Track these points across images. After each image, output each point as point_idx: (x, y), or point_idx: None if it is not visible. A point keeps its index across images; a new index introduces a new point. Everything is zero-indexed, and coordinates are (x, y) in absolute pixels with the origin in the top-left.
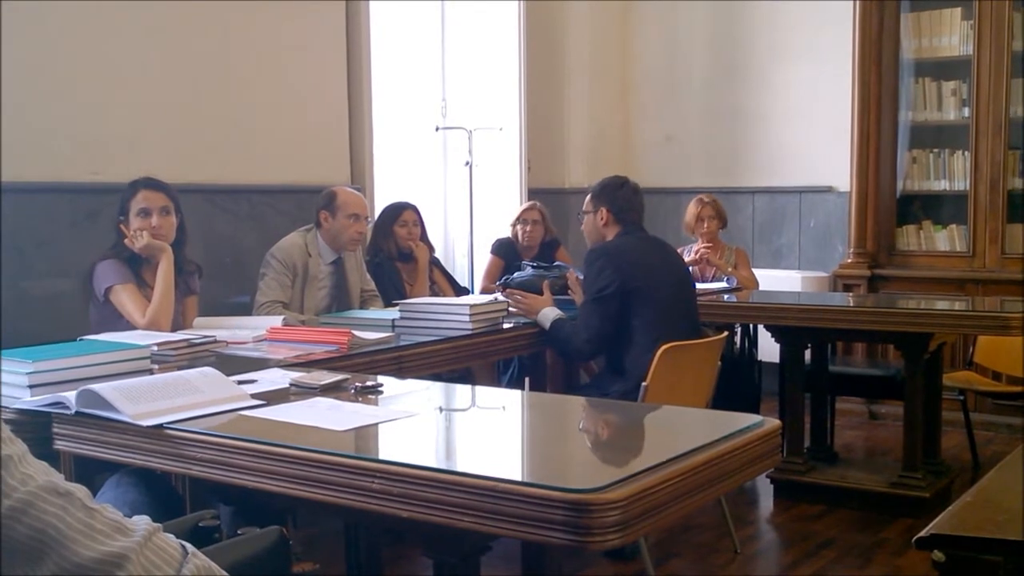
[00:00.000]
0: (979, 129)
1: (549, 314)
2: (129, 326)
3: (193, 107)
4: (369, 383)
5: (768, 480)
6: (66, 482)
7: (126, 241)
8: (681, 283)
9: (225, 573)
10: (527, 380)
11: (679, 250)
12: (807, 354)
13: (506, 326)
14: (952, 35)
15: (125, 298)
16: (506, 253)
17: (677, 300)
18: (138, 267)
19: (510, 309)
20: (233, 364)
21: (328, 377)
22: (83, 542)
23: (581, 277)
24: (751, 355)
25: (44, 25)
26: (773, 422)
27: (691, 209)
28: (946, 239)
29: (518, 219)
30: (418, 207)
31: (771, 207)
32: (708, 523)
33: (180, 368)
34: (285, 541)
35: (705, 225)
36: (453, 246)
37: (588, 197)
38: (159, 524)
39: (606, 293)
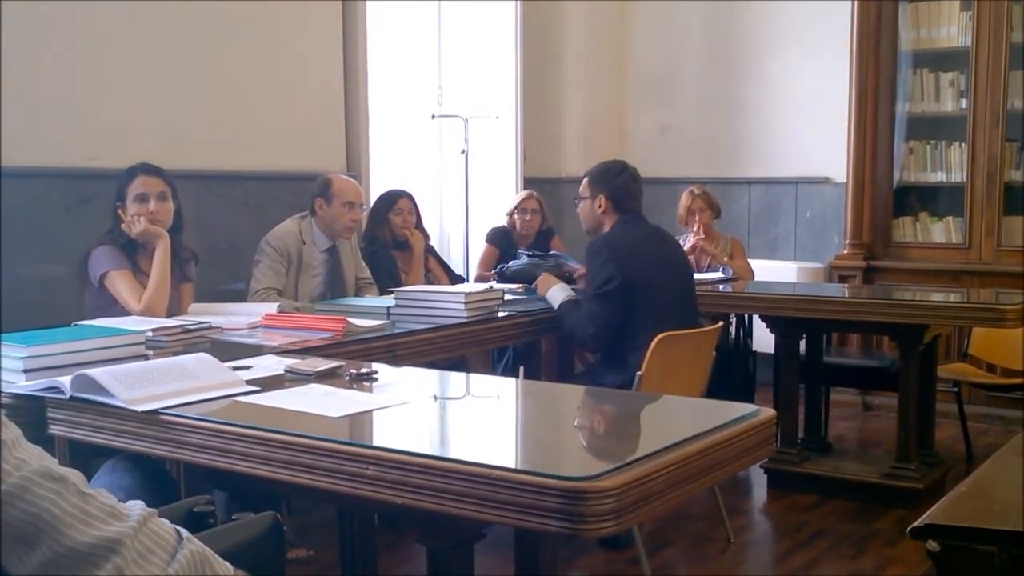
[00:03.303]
0: (976, 121)
1: (559, 293)
2: (124, 312)
3: (188, 93)
4: (364, 370)
5: (762, 470)
6: (60, 467)
7: (123, 226)
8: (681, 274)
9: (219, 558)
10: (522, 368)
11: None
12: (802, 345)
13: (501, 314)
14: (951, 26)
15: (120, 284)
16: (501, 242)
17: (678, 292)
18: (134, 253)
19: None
20: (228, 350)
21: (323, 364)
22: (77, 527)
23: (576, 265)
24: (746, 345)
25: (40, 11)
26: (768, 412)
27: (682, 201)
28: (942, 231)
29: (517, 208)
30: (413, 195)
31: (767, 197)
32: (701, 512)
33: (175, 354)
34: (279, 526)
35: (696, 218)
36: (448, 234)
37: (585, 181)
38: (154, 509)
39: (609, 288)
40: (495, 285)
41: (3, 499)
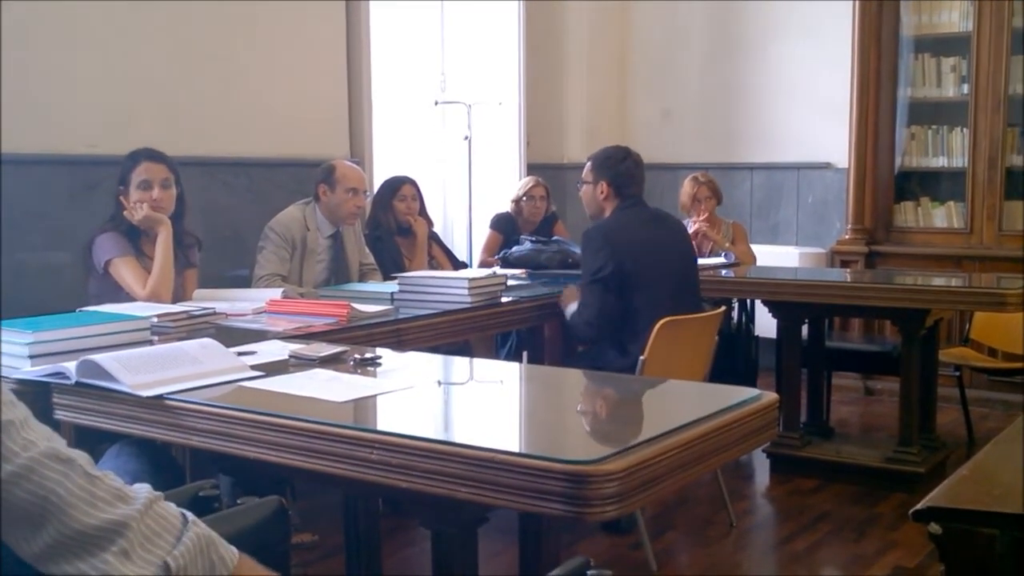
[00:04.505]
0: (978, 106)
1: (574, 307)
2: (128, 298)
3: (192, 79)
4: (368, 355)
5: (764, 454)
6: (68, 448)
7: (126, 213)
8: (683, 258)
9: (225, 542)
10: (525, 353)
11: None
12: (804, 329)
13: (505, 300)
14: (952, 11)
15: (125, 271)
16: (505, 228)
17: (679, 276)
18: (137, 239)
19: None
20: (233, 336)
21: (327, 349)
22: (84, 509)
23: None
24: (748, 330)
25: None
26: (770, 396)
27: (686, 188)
28: (944, 216)
29: (526, 194)
30: (417, 181)
31: (769, 183)
32: (704, 497)
33: (180, 339)
34: (284, 511)
35: (702, 206)
36: (451, 221)
37: (588, 166)
38: (160, 493)
39: (602, 275)
40: (499, 271)
41: (10, 480)
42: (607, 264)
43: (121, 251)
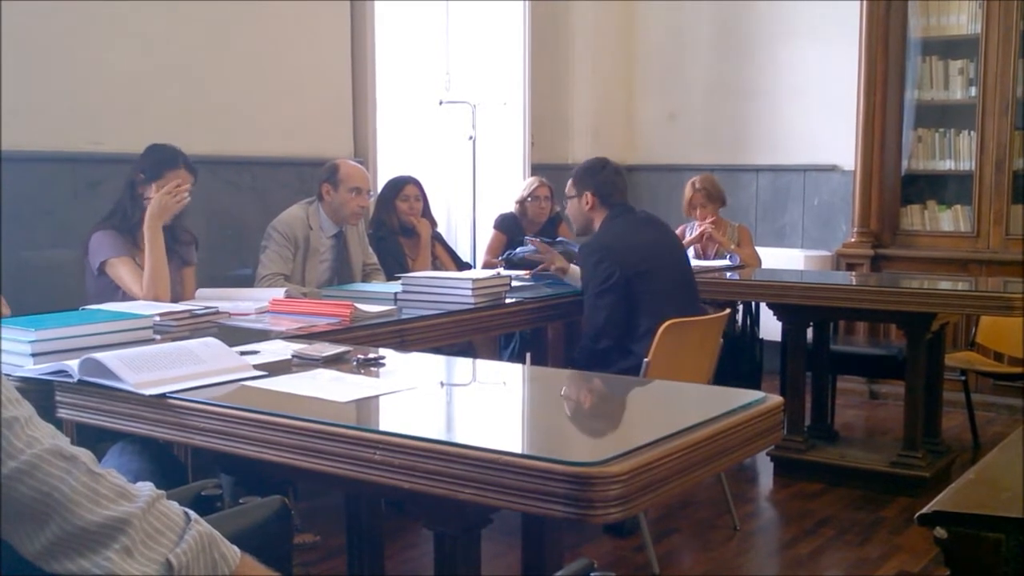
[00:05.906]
0: (986, 109)
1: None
2: (126, 297)
3: (196, 78)
4: (371, 355)
5: (768, 458)
6: (71, 446)
7: (153, 198)
8: (677, 258)
9: (227, 541)
10: (528, 355)
11: (681, 228)
12: (809, 333)
13: (508, 301)
14: (960, 14)
15: (122, 271)
16: (509, 228)
17: (677, 276)
18: (135, 234)
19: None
20: (235, 335)
21: (330, 349)
22: (87, 506)
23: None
24: (753, 333)
25: None
26: (775, 399)
27: (685, 193)
28: (950, 219)
29: (530, 195)
30: (420, 181)
31: (775, 185)
32: (708, 500)
33: (183, 338)
34: (287, 511)
35: (697, 212)
36: (456, 221)
37: (570, 182)
38: (162, 491)
39: (611, 283)
40: (502, 271)
41: (14, 476)
42: (614, 272)
43: (117, 251)
